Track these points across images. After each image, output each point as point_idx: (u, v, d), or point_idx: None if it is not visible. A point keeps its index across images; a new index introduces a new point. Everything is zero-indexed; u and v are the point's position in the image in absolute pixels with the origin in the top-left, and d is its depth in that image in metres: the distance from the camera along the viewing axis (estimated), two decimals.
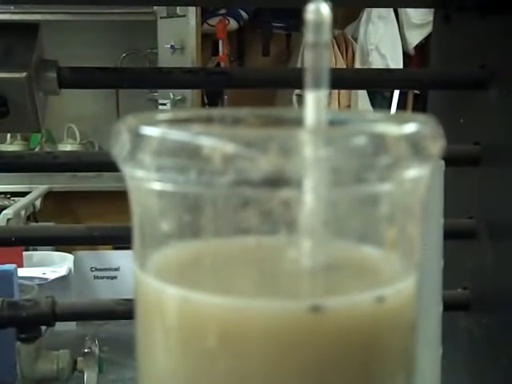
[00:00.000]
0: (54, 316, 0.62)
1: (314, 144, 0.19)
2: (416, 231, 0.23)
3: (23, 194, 2.44)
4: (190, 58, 2.56)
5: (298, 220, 0.20)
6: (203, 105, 2.72)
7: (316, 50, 0.23)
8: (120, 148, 0.21)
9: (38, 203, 2.51)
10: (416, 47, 2.88)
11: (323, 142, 0.19)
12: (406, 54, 2.95)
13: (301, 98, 2.25)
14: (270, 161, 0.17)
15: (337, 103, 2.92)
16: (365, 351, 0.21)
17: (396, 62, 2.85)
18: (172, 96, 2.54)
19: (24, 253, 1.33)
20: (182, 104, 2.57)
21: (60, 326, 1.09)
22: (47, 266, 1.25)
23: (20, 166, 0.60)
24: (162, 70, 0.61)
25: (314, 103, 0.23)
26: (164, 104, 2.59)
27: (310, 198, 0.19)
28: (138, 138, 0.20)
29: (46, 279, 1.12)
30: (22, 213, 2.31)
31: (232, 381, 0.20)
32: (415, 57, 2.91)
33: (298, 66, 2.90)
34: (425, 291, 0.49)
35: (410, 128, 0.21)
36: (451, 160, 0.65)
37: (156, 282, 0.22)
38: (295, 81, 0.65)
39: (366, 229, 0.22)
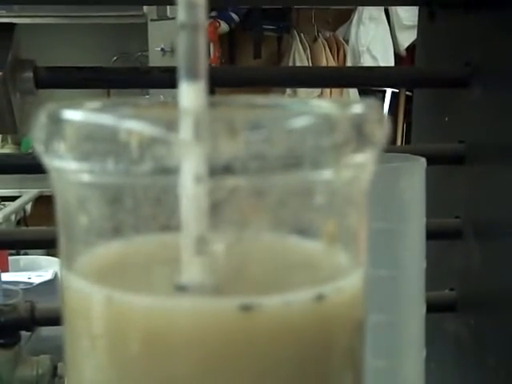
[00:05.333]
0: (32, 321, 0.61)
1: (238, 127, 0.17)
2: (361, 225, 0.21)
3: (13, 199, 2.43)
4: None
5: (223, 213, 0.18)
6: None
7: (189, 33, 0.19)
8: (37, 136, 0.19)
9: (28, 207, 2.50)
10: (408, 49, 2.87)
11: (249, 126, 0.17)
12: (397, 56, 2.95)
13: (293, 95, 2.22)
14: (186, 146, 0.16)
15: None
16: (304, 354, 0.19)
17: (387, 64, 2.84)
18: (162, 97, 2.54)
19: (10, 257, 1.32)
20: None
21: (46, 331, 1.08)
22: (34, 271, 1.24)
23: None
24: (139, 70, 0.60)
25: (190, 97, 0.20)
26: None
27: (231, 187, 0.17)
28: (54, 124, 0.19)
29: (31, 284, 1.11)
30: (13, 217, 2.30)
31: None
32: (407, 58, 2.90)
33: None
34: (407, 292, 0.48)
35: (354, 110, 0.19)
36: (436, 159, 0.65)
37: (81, 282, 0.20)
38: (274, 79, 0.64)
39: (303, 221, 0.20)
